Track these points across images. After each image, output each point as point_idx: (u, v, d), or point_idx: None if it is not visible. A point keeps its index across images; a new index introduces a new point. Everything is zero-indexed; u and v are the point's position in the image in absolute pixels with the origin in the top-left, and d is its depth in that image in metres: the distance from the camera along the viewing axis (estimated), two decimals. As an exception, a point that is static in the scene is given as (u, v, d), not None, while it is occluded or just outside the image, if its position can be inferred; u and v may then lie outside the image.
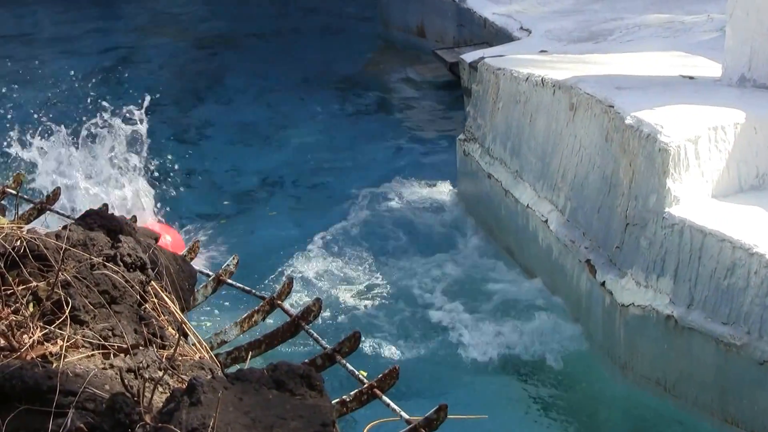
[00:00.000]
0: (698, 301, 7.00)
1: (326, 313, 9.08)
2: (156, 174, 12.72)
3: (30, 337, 4.21)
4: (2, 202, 6.54)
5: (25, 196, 6.58)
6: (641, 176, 7.50)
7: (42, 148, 10.23)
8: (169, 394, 3.83)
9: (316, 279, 9.71)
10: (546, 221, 8.76)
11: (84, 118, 10.96)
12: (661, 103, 7.86)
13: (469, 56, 11.80)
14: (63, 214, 6.44)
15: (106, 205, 6.02)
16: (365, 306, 9.40)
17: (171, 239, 9.45)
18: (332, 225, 11.01)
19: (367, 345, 8.42)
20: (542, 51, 10.60)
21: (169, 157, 13.32)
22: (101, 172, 10.37)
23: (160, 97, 15.33)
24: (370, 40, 17.78)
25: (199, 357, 4.57)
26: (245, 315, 5.70)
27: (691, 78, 8.79)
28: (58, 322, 4.32)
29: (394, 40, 17.36)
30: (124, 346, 4.28)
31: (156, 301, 4.87)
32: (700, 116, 7.63)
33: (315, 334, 5.35)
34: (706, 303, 6.94)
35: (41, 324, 4.33)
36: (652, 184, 7.41)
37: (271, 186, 12.17)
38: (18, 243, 4.71)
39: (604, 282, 7.77)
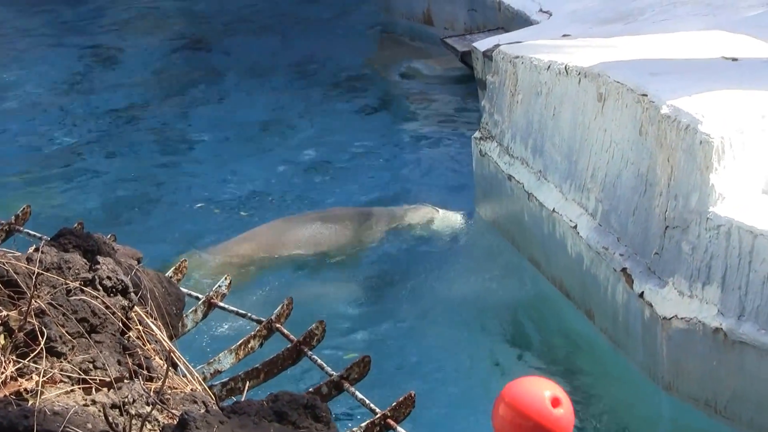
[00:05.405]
0: (750, 311, 7.00)
1: (330, 337, 9.07)
2: (141, 181, 12.77)
3: (2, 373, 4.23)
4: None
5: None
6: (681, 172, 7.51)
7: None
8: (158, 432, 3.86)
9: (317, 299, 9.71)
10: (575, 227, 8.76)
11: (57, 132, 10.92)
12: (701, 90, 7.85)
13: (483, 44, 11.82)
14: (35, 235, 6.47)
15: (81, 223, 6.04)
16: (374, 327, 9.41)
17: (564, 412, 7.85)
18: (333, 238, 11.01)
19: (376, 370, 8.41)
20: (565, 35, 10.62)
21: (158, 162, 13.35)
22: None
23: (144, 100, 15.38)
24: (372, 29, 17.80)
25: (191, 389, 4.60)
26: (241, 341, 5.73)
27: (734, 59, 8.79)
28: (32, 355, 4.35)
29: (398, 28, 17.38)
30: (107, 379, 4.31)
31: (141, 328, 4.90)
32: (746, 103, 7.64)
33: (319, 360, 5.38)
34: (759, 313, 6.94)
35: (14, 358, 4.35)
36: (693, 180, 7.41)
37: (265, 194, 12.18)
38: (-16, 268, 4.73)
39: (642, 293, 7.78)
